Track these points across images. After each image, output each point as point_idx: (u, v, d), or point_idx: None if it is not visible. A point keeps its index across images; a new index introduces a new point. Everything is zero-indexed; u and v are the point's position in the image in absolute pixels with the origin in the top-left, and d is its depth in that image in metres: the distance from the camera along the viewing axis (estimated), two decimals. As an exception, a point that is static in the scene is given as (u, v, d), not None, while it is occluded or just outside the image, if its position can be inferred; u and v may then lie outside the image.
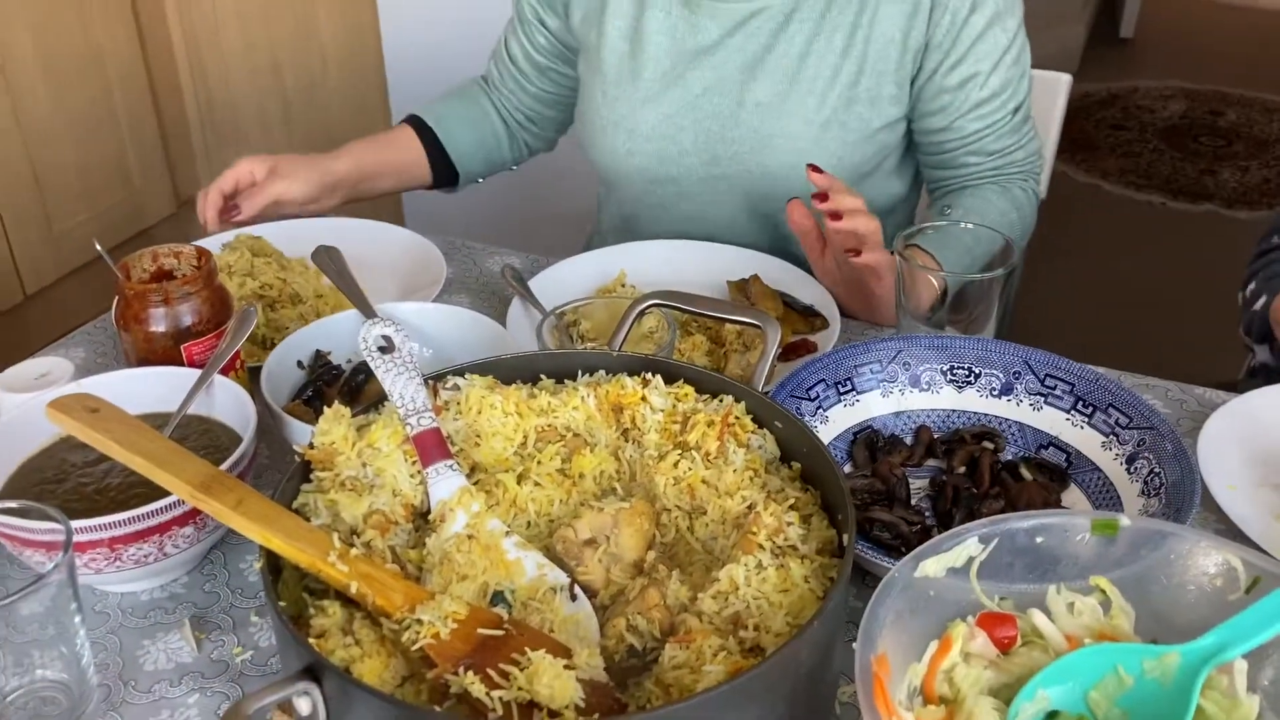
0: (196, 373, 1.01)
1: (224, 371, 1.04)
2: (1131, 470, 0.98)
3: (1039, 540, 0.78)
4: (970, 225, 1.20)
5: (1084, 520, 0.79)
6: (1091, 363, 1.08)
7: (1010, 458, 1.05)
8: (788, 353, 1.21)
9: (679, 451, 0.84)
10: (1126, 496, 0.97)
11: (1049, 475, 1.02)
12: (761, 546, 0.76)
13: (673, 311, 1.06)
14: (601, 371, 0.92)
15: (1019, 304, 1.87)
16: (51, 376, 1.07)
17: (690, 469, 0.83)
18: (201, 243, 1.36)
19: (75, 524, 0.83)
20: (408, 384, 0.85)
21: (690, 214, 1.46)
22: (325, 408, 1.04)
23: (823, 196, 1.16)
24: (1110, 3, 5.06)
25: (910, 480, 1.03)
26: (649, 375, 0.89)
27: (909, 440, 1.07)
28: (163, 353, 1.04)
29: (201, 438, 1.00)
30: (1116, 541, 0.79)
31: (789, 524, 0.78)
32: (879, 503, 0.99)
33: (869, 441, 1.06)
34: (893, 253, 1.17)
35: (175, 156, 3.29)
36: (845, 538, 0.76)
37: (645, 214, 1.51)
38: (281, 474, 1.01)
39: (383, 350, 0.88)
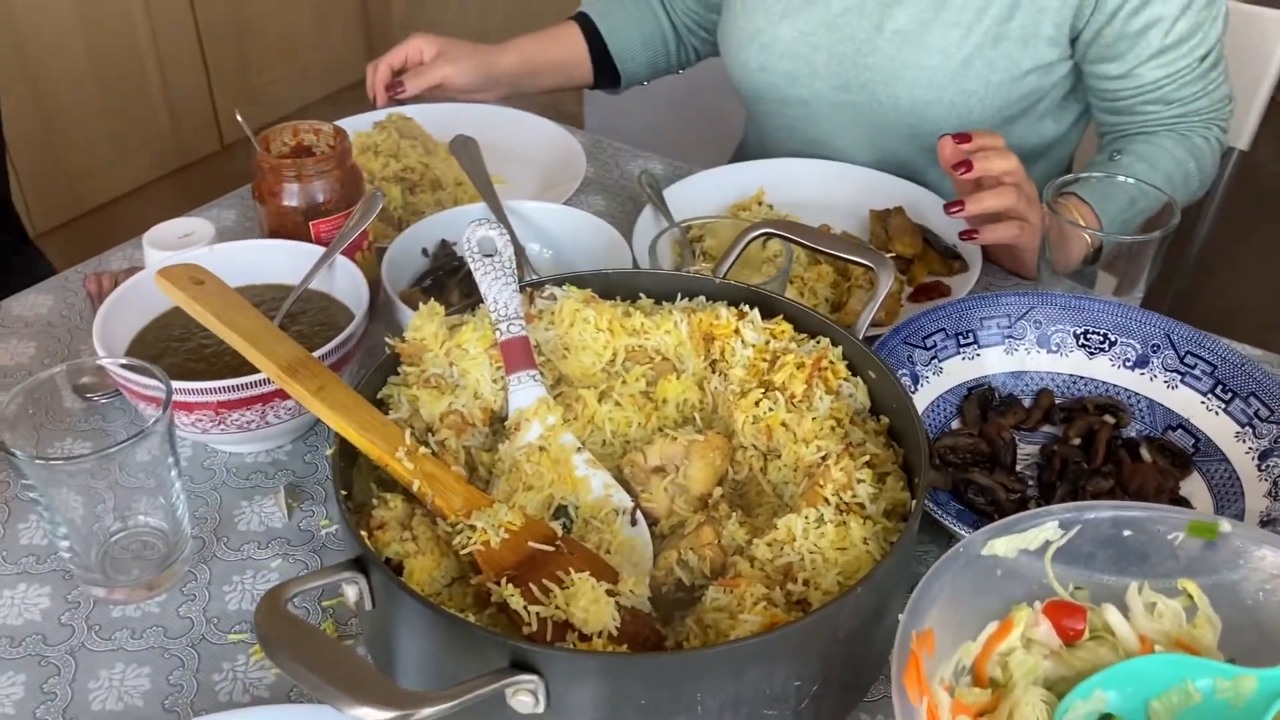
0: (321, 250, 1.04)
1: (352, 249, 1.07)
2: (1263, 468, 0.91)
3: (1126, 534, 0.74)
4: (1132, 180, 1.11)
5: (1180, 519, 0.73)
6: (1272, 333, 0.99)
7: (1133, 435, 0.99)
8: (919, 294, 1.17)
9: (762, 390, 0.82)
10: (1251, 494, 0.90)
11: (1171, 460, 0.95)
12: (826, 500, 0.74)
13: (793, 240, 1.02)
14: (702, 297, 0.90)
15: (1201, 267, 1.74)
16: (195, 237, 1.12)
17: (771, 409, 0.81)
18: (354, 119, 1.40)
19: (180, 385, 0.87)
20: (503, 289, 0.85)
21: (815, 139, 1.41)
22: (442, 297, 1.07)
23: (965, 137, 1.10)
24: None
25: (1020, 445, 0.98)
26: (746, 308, 0.87)
27: (1027, 403, 1.02)
28: (293, 227, 1.08)
29: (319, 314, 1.03)
30: (1215, 546, 0.73)
31: (859, 481, 0.75)
32: (980, 464, 0.95)
33: (983, 399, 1.01)
34: (1043, 202, 1.10)
35: (373, 14, 3.37)
36: (914, 504, 0.73)
37: (775, 135, 1.46)
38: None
39: (486, 254, 0.88)
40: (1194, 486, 0.94)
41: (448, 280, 1.11)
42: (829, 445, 0.79)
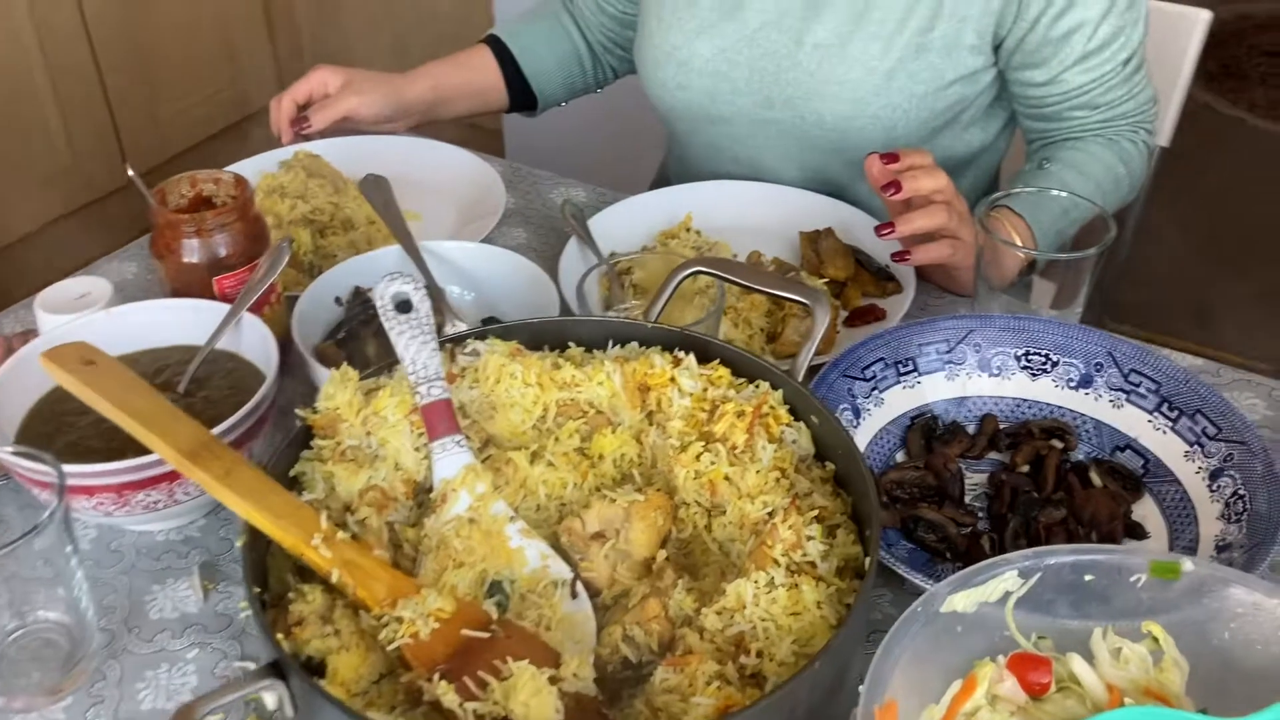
0: (227, 308, 0.98)
1: (261, 303, 1.01)
2: (1214, 488, 0.89)
3: (1088, 578, 0.71)
4: (1064, 194, 1.09)
5: (1141, 560, 0.71)
6: (1204, 328, 0.97)
7: (1081, 458, 0.97)
8: (854, 318, 1.13)
9: (703, 443, 0.78)
10: (1204, 517, 0.88)
11: (1122, 483, 0.93)
12: (776, 562, 0.70)
13: (726, 272, 0.98)
14: (634, 344, 0.86)
15: (1135, 251, 1.73)
16: (91, 297, 1.05)
17: (713, 463, 0.77)
18: (259, 158, 1.34)
19: (75, 469, 0.81)
20: (421, 348, 0.80)
21: (740, 158, 1.37)
22: (358, 349, 1.02)
23: (893, 157, 1.07)
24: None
25: (967, 474, 0.95)
26: (681, 354, 0.83)
27: (971, 429, 0.99)
28: (196, 284, 1.01)
29: (228, 376, 0.97)
30: (1178, 584, 0.71)
31: (809, 538, 0.71)
32: (928, 499, 0.92)
33: (926, 429, 0.98)
34: (973, 216, 1.08)
35: (280, 39, 3.28)
36: (868, 561, 0.69)
37: (697, 155, 1.43)
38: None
39: (401, 308, 0.83)
40: (1147, 510, 0.92)
41: (363, 330, 1.06)
42: (775, 500, 0.75)
